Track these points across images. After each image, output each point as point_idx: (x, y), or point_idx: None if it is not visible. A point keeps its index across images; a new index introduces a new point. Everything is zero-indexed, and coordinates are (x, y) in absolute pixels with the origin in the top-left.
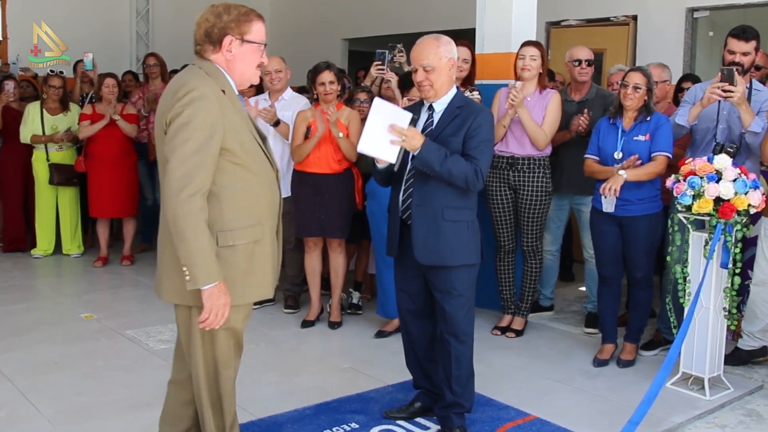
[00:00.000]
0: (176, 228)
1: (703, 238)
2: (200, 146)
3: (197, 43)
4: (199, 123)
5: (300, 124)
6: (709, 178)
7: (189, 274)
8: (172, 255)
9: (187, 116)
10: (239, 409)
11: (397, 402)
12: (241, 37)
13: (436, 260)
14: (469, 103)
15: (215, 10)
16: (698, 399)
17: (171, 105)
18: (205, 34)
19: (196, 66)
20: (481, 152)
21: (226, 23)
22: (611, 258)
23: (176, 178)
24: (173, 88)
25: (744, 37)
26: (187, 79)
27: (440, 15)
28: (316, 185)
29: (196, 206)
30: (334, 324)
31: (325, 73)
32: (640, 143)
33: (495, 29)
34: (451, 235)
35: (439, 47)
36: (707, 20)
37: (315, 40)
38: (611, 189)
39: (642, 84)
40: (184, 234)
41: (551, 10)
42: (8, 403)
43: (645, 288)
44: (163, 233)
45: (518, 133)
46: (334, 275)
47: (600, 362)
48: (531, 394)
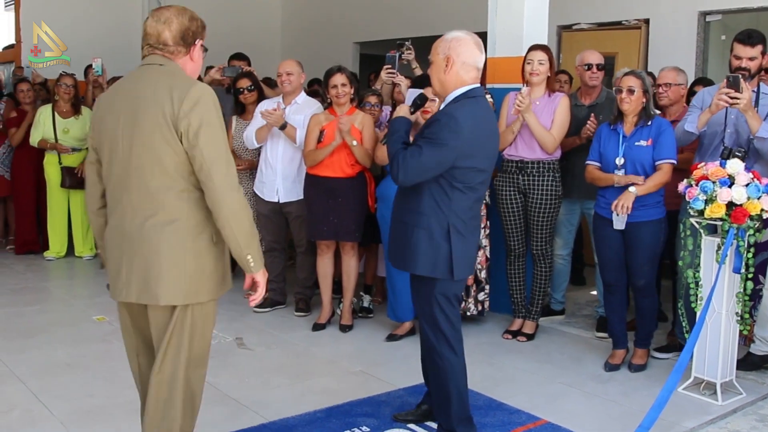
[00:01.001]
0: (241, 218)
1: (715, 243)
2: (226, 144)
3: (165, 43)
4: (220, 123)
5: (313, 128)
6: (722, 182)
7: (253, 261)
8: (176, 257)
9: (214, 118)
10: (250, 411)
11: (407, 406)
12: (202, 43)
13: (398, 263)
14: (452, 110)
15: (185, 13)
16: (710, 404)
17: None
18: (180, 36)
19: (165, 66)
20: (419, 146)
21: (197, 28)
22: (614, 264)
23: (232, 174)
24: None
25: (750, 42)
26: (193, 82)
27: (452, 18)
28: (329, 189)
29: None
30: (345, 327)
31: (337, 76)
32: (641, 149)
33: (506, 33)
34: (412, 241)
35: (441, 42)
36: (719, 24)
37: (326, 44)
38: (623, 206)
39: (636, 86)
40: (249, 224)
41: (563, 13)
42: (21, 403)
43: (648, 295)
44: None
45: (527, 137)
46: (346, 278)
47: (611, 367)
48: (542, 398)
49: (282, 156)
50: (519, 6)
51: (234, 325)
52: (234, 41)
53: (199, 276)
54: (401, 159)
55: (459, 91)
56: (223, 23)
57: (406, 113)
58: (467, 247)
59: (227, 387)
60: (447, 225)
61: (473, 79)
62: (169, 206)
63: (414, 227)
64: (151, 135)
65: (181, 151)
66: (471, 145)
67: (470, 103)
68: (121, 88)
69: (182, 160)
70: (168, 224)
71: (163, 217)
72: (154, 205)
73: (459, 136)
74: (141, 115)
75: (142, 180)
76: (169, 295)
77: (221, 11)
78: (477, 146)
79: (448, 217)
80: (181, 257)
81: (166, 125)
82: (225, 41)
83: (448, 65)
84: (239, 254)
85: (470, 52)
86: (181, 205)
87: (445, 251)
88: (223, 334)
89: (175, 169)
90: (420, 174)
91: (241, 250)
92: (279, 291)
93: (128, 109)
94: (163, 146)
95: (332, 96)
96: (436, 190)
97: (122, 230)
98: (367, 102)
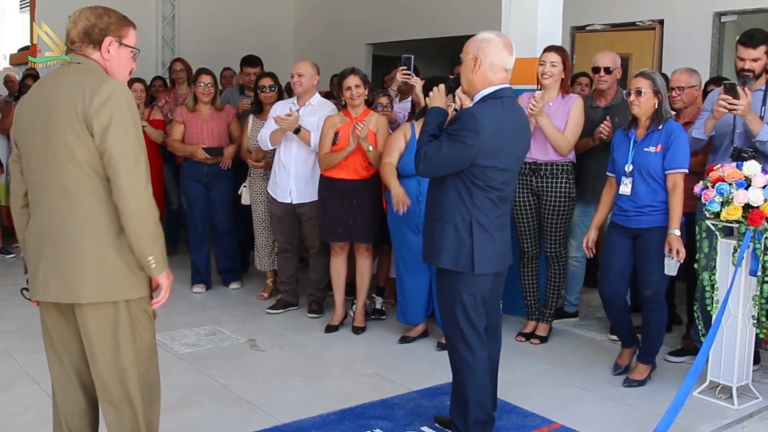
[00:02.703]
0: (144, 217)
1: (731, 246)
2: (138, 141)
3: (72, 41)
4: (134, 119)
5: (328, 131)
6: (738, 184)
7: (155, 261)
8: (98, 254)
9: (125, 114)
10: (263, 413)
11: (421, 408)
12: (119, 39)
13: (427, 258)
14: (474, 110)
15: (95, 11)
16: (726, 408)
17: (100, 104)
18: (84, 32)
19: (83, 64)
20: (440, 141)
21: (107, 24)
22: (615, 273)
23: (141, 172)
24: (91, 88)
25: (751, 44)
26: (106, 79)
27: (465, 19)
28: (344, 191)
29: None
30: (358, 329)
31: (351, 78)
32: (649, 155)
33: (520, 34)
34: (436, 234)
35: (471, 42)
36: (734, 24)
37: (339, 45)
38: (676, 251)
39: (645, 87)
40: (153, 224)
41: (576, 14)
42: (36, 404)
43: (655, 309)
44: (78, 234)
45: (540, 139)
46: (360, 279)
47: (620, 368)
48: (556, 401)
49: (295, 157)
50: (533, 7)
51: (247, 327)
52: (247, 42)
53: (123, 272)
54: (423, 151)
55: (486, 91)
56: (237, 24)
57: (441, 102)
58: (491, 242)
59: (240, 388)
60: (470, 220)
61: (501, 80)
62: (87, 204)
63: (439, 221)
64: (64, 132)
65: (94, 148)
66: (491, 145)
67: (495, 104)
68: (40, 86)
69: (95, 158)
70: (88, 222)
71: (83, 214)
72: (72, 203)
73: (478, 135)
74: (55, 112)
75: (59, 178)
76: (92, 293)
77: (235, 13)
78: (498, 146)
79: (472, 212)
80: (103, 254)
81: (78, 122)
82: (238, 42)
83: (476, 65)
84: (141, 254)
85: (498, 53)
86: (100, 202)
87: (467, 245)
88: (236, 336)
89: (90, 166)
90: (439, 168)
91: (143, 251)
92: (292, 292)
93: (44, 107)
94: (76, 143)
95: (346, 98)
96: (460, 186)
97: (42, 229)
98: (378, 104)
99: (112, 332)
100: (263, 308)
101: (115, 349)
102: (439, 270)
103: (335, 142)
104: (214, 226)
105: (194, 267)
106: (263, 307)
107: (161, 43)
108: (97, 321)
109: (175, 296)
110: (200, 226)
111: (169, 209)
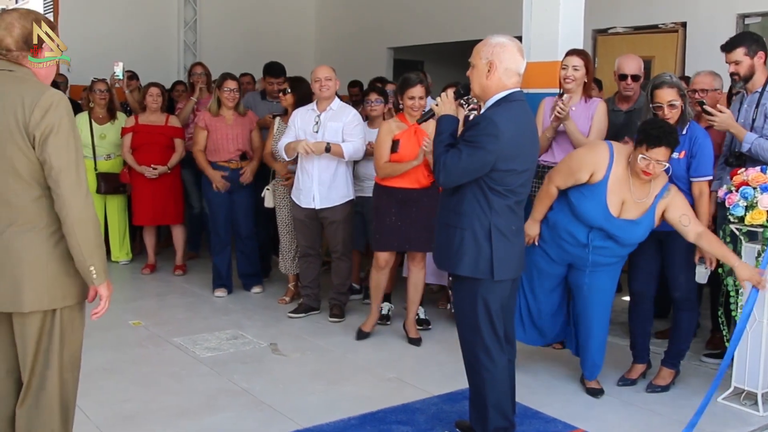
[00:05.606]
0: (86, 227)
1: (755, 250)
2: (78, 151)
3: (9, 48)
4: (74, 129)
5: (385, 138)
6: (763, 188)
7: (96, 271)
8: (39, 262)
9: (66, 124)
10: (284, 417)
11: (443, 413)
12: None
13: (443, 265)
14: (491, 114)
15: (30, 16)
16: (751, 414)
17: (41, 114)
18: (23, 40)
19: (15, 72)
20: (458, 149)
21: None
22: (644, 271)
23: (82, 182)
24: (30, 98)
25: (726, 48)
26: (45, 89)
27: (486, 23)
28: (403, 200)
29: None
30: (415, 341)
31: (417, 88)
32: (674, 162)
33: (541, 37)
34: (455, 242)
35: (484, 46)
36: (759, 26)
37: (360, 49)
38: (709, 261)
39: (677, 99)
40: (95, 234)
41: (598, 17)
42: None
43: (686, 309)
44: (18, 243)
45: (563, 143)
46: (414, 290)
47: (626, 381)
48: (579, 406)
49: (318, 163)
50: (554, 10)
51: (269, 331)
52: (268, 48)
53: (64, 279)
54: (442, 161)
55: (499, 95)
56: (258, 30)
57: (451, 110)
58: (510, 248)
59: (262, 393)
60: (489, 226)
61: (514, 84)
62: (27, 213)
63: (457, 228)
64: (4, 143)
65: (35, 158)
66: (510, 148)
67: (510, 107)
68: None
69: (37, 168)
70: (28, 231)
71: (23, 224)
72: (13, 213)
73: (498, 139)
74: (12, 121)
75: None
76: (34, 301)
77: (256, 18)
78: (517, 149)
79: (490, 218)
80: (44, 263)
81: (18, 132)
82: (260, 47)
83: (491, 70)
84: (82, 264)
85: (513, 58)
86: (40, 211)
87: (486, 252)
88: (257, 340)
89: (31, 175)
90: (461, 176)
91: (84, 260)
92: (313, 297)
93: None
94: (17, 154)
95: (407, 107)
96: (477, 192)
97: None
98: (368, 100)
99: (48, 338)
100: (285, 312)
101: (45, 356)
102: (457, 277)
103: (395, 149)
104: (236, 231)
105: (216, 271)
106: (285, 311)
107: (183, 48)
108: (36, 328)
109: (196, 300)
110: (223, 231)
111: (191, 213)
